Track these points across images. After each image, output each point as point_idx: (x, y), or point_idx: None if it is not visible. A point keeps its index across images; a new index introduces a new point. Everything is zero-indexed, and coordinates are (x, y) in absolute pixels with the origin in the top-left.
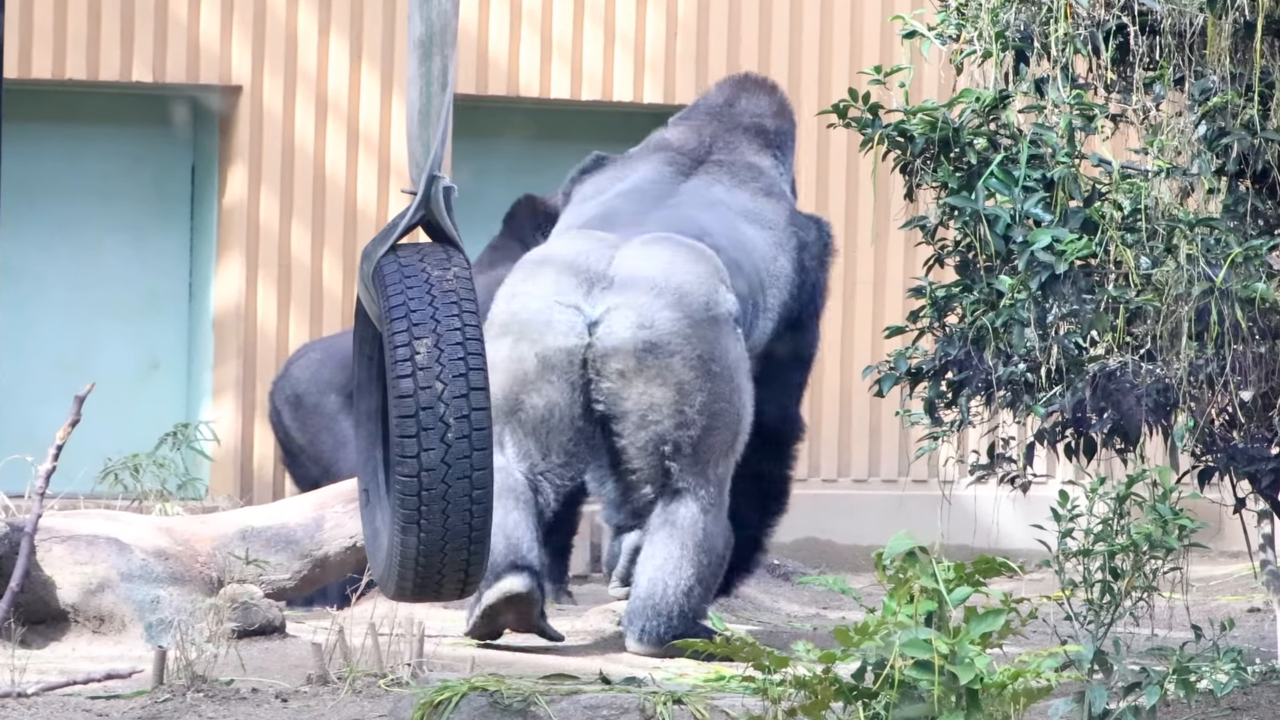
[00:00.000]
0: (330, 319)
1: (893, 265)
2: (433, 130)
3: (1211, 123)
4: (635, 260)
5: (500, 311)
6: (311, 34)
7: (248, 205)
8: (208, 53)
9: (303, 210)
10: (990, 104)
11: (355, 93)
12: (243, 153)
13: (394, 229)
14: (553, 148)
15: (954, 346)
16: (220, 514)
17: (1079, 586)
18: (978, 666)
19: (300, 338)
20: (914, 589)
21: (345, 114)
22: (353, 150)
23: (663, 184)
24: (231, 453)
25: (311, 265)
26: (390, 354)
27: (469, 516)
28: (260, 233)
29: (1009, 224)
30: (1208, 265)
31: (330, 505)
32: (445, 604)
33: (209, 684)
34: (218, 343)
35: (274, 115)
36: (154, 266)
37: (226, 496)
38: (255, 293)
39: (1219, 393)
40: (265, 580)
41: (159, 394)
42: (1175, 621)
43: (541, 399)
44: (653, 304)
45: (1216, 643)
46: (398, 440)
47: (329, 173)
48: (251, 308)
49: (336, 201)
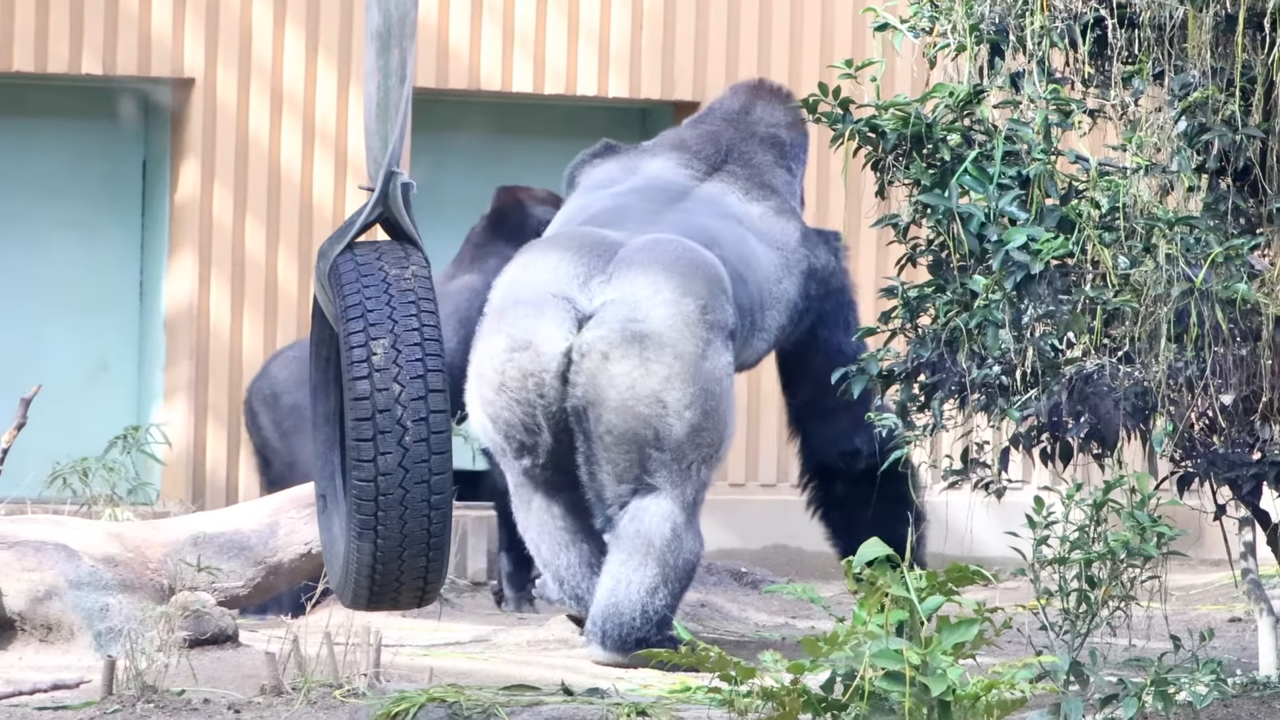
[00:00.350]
0: (285, 319)
1: (864, 265)
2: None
3: (1192, 118)
4: (639, 258)
5: (497, 300)
6: (266, 26)
7: (200, 202)
8: (159, 45)
9: (257, 207)
10: (964, 99)
11: (311, 86)
12: (195, 148)
13: (351, 226)
14: (513, 142)
15: (927, 348)
16: (172, 519)
17: (1054, 595)
18: (950, 678)
19: (254, 338)
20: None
21: (301, 108)
22: (309, 145)
23: (677, 185)
24: (183, 456)
25: (266, 263)
26: (346, 355)
27: (427, 522)
28: (213, 230)
29: (983, 222)
30: (1187, 265)
31: (285, 511)
32: (404, 613)
33: (159, 694)
34: (169, 343)
35: (228, 109)
36: (103, 264)
37: (178, 501)
38: (208, 292)
39: (1199, 396)
40: (218, 588)
41: (109, 396)
42: (1153, 631)
43: (532, 395)
44: (649, 300)
45: (1196, 653)
46: (354, 444)
47: (284, 169)
48: (204, 307)
49: (292, 198)
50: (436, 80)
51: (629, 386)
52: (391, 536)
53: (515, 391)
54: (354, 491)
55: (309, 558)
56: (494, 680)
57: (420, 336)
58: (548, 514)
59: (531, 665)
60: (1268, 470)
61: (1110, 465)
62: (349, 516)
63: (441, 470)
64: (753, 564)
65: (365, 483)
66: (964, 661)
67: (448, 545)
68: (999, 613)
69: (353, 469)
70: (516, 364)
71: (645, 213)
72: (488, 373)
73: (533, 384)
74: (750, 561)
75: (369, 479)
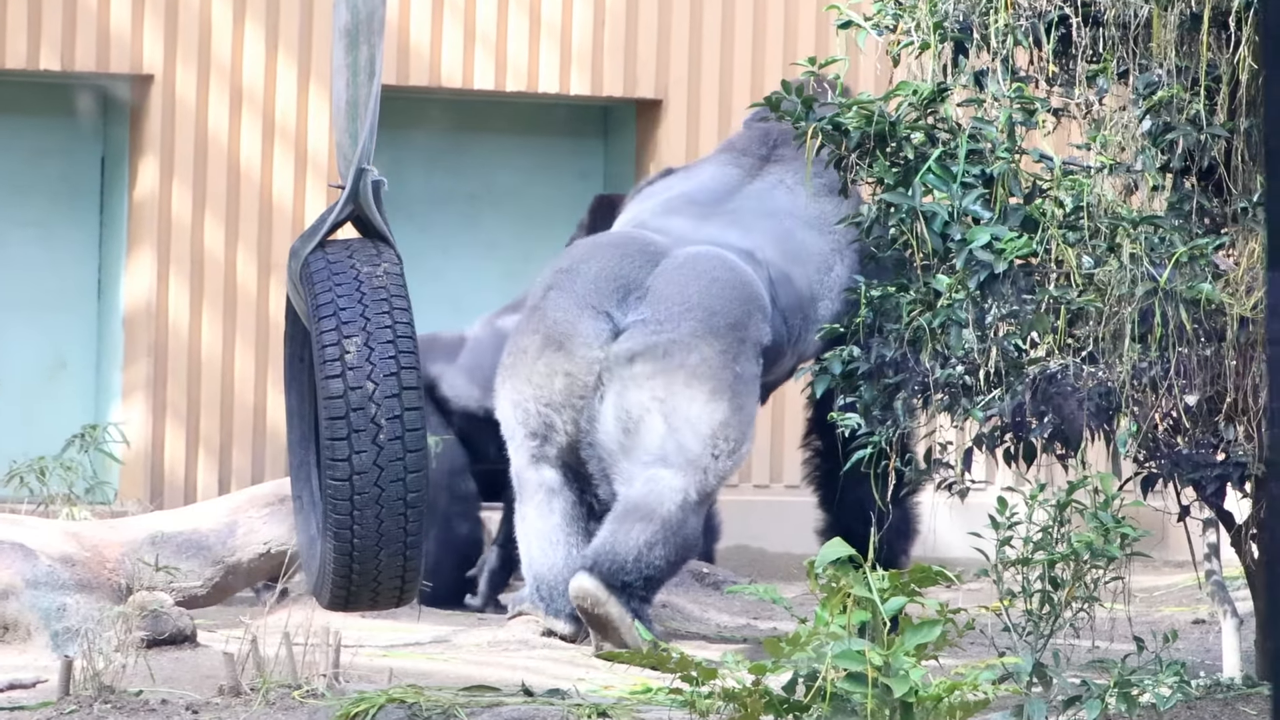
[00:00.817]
0: (244, 317)
1: None
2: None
3: (1156, 117)
4: (677, 275)
5: (538, 294)
6: (226, 22)
7: (159, 199)
8: (118, 41)
9: (216, 204)
10: (928, 97)
11: (271, 83)
12: (154, 145)
13: (322, 224)
14: (474, 139)
15: (890, 348)
16: (129, 519)
17: (1018, 596)
18: (912, 679)
19: (213, 336)
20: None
21: (261, 105)
22: (268, 143)
23: (726, 186)
24: (141, 455)
25: (225, 261)
26: (319, 353)
27: (404, 521)
28: (172, 228)
29: (947, 221)
30: (1152, 265)
31: (243, 510)
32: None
33: (117, 695)
34: (128, 341)
35: (187, 106)
36: (62, 262)
37: (136, 500)
38: (167, 290)
39: (1163, 397)
40: (176, 587)
41: (66, 394)
42: (1117, 633)
43: (558, 394)
44: (681, 318)
45: (1159, 655)
46: (328, 443)
47: (244, 166)
48: (163, 305)
49: (251, 196)
50: (398, 77)
51: (655, 400)
52: (368, 536)
53: (541, 387)
54: (329, 491)
55: (268, 557)
56: (454, 681)
57: (393, 334)
58: (546, 509)
59: (491, 666)
60: (1232, 471)
61: (1074, 466)
62: (324, 516)
63: (417, 468)
64: (714, 565)
65: (340, 482)
66: (927, 663)
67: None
68: (962, 614)
69: (327, 468)
70: (547, 361)
71: (692, 218)
72: (517, 364)
73: (560, 383)
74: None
75: (344, 478)
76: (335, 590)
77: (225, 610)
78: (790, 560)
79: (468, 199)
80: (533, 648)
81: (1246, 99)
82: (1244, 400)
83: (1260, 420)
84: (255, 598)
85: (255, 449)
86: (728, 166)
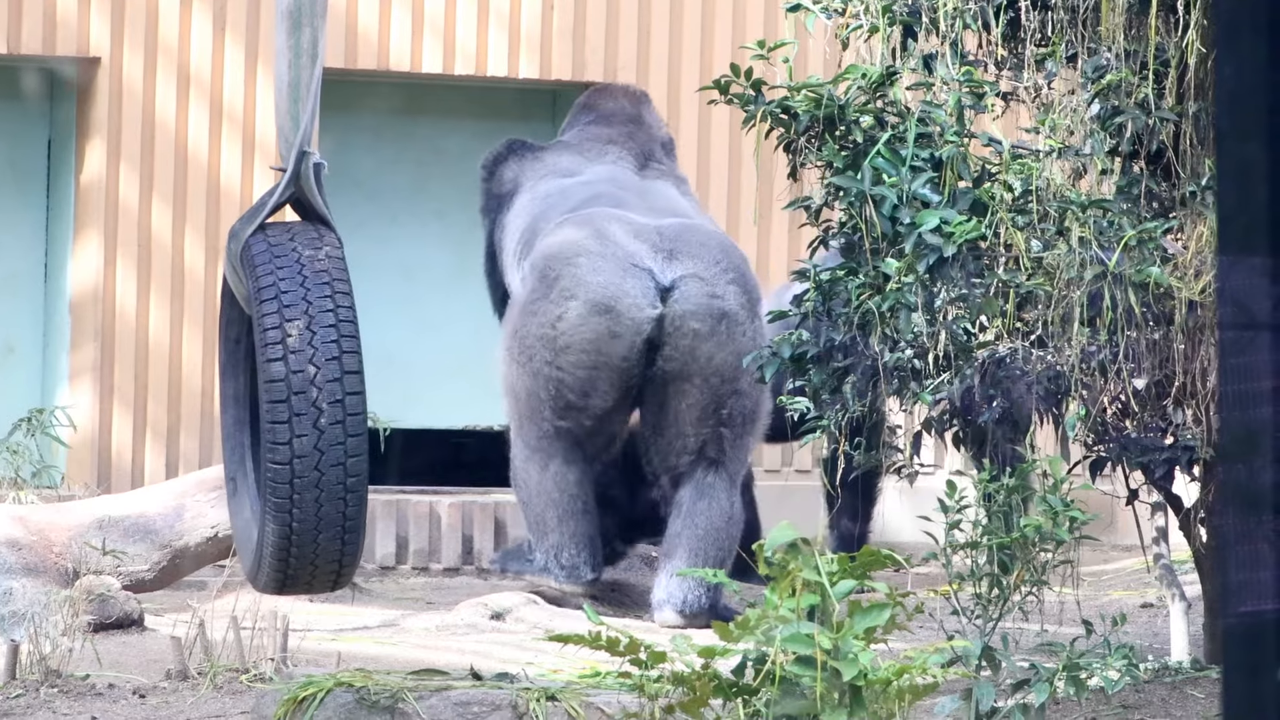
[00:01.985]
0: (193, 301)
1: (776, 247)
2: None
3: (1105, 101)
4: (690, 236)
5: (548, 265)
6: (173, 4)
7: (106, 182)
8: (64, 23)
9: (164, 188)
10: (877, 81)
11: (219, 66)
12: (101, 127)
13: (262, 207)
14: (422, 122)
15: (839, 331)
16: (76, 503)
17: (966, 580)
18: (861, 662)
19: (161, 320)
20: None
21: (208, 88)
22: (216, 125)
23: (629, 179)
24: (88, 439)
25: (173, 245)
26: (260, 337)
27: (343, 505)
28: (119, 211)
29: (896, 205)
30: (1100, 248)
31: (191, 494)
32: (312, 598)
33: (64, 679)
34: (74, 325)
35: (134, 88)
36: (7, 246)
37: (83, 485)
38: (114, 273)
39: (1111, 380)
40: (123, 571)
41: (13, 378)
42: (1065, 617)
43: (607, 358)
44: (720, 276)
45: (1108, 639)
46: (269, 426)
47: (191, 149)
48: (110, 289)
49: (199, 179)
50: (345, 60)
51: (711, 361)
52: (306, 519)
53: (584, 353)
54: (268, 474)
55: (215, 541)
56: (402, 665)
57: (335, 318)
58: (564, 480)
59: (440, 650)
60: (1180, 455)
61: (1022, 449)
62: (263, 500)
63: (357, 453)
64: None
65: (280, 465)
66: (876, 646)
67: (363, 528)
68: (911, 597)
69: (267, 451)
70: (592, 327)
71: (636, 203)
72: (549, 333)
73: (616, 347)
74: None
75: (284, 461)
76: (272, 573)
77: (173, 594)
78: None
79: (415, 167)
80: (481, 631)
81: (1195, 83)
82: (1192, 384)
83: (1208, 404)
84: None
85: (203, 433)
86: (620, 163)
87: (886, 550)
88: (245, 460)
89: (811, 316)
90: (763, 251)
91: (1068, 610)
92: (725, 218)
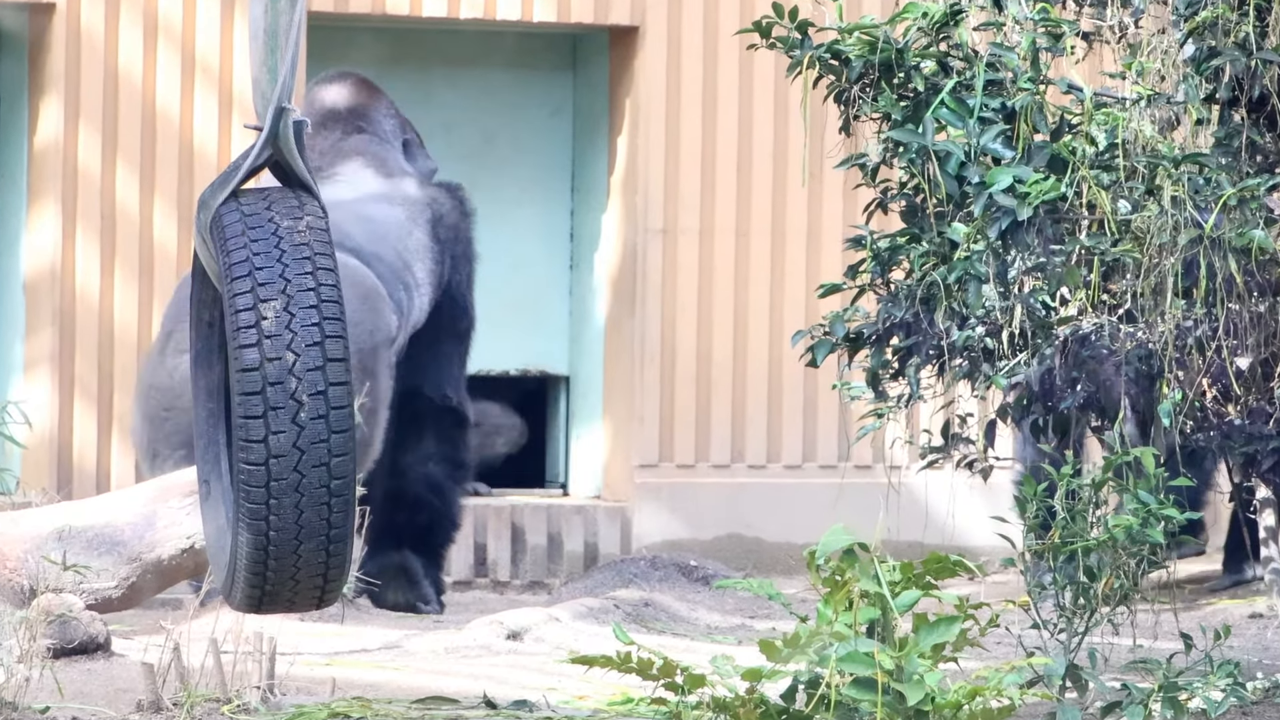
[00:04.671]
0: (163, 280)
1: (828, 212)
2: (280, 54)
3: (1200, 41)
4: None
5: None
6: None
7: (64, 146)
8: None
9: (129, 151)
10: (940, 20)
11: (190, 13)
12: (57, 83)
13: (235, 172)
14: (421, 73)
15: (900, 307)
16: (33, 510)
17: (1048, 589)
18: (928, 684)
19: (127, 301)
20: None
21: (179, 38)
22: (188, 80)
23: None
24: (46, 438)
25: (140, 216)
26: (232, 319)
27: (326, 511)
28: (79, 178)
29: (963, 162)
30: (1196, 209)
31: (164, 500)
32: (301, 616)
33: (20, 712)
34: (29, 308)
35: (94, 39)
36: None
37: (40, 490)
38: (73, 249)
39: (1210, 359)
40: (87, 589)
41: None
42: (1161, 630)
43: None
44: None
45: (1210, 654)
46: (242, 421)
47: (160, 106)
48: (69, 266)
49: (169, 140)
50: (335, 3)
51: None
52: (285, 528)
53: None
54: (242, 477)
55: (192, 553)
56: (406, 692)
57: (317, 298)
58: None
59: (449, 675)
60: None
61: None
62: (236, 505)
63: (343, 451)
64: (704, 556)
65: (255, 466)
66: (944, 665)
67: (350, 538)
68: (984, 609)
69: (240, 450)
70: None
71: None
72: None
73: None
74: (701, 554)
75: (259, 462)
76: (248, 589)
77: (144, 614)
78: (790, 550)
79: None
80: (496, 653)
81: None
82: None
83: None
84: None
85: None
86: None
87: (956, 556)
88: (220, 460)
89: (869, 290)
90: (814, 217)
91: (1164, 623)
92: (771, 180)
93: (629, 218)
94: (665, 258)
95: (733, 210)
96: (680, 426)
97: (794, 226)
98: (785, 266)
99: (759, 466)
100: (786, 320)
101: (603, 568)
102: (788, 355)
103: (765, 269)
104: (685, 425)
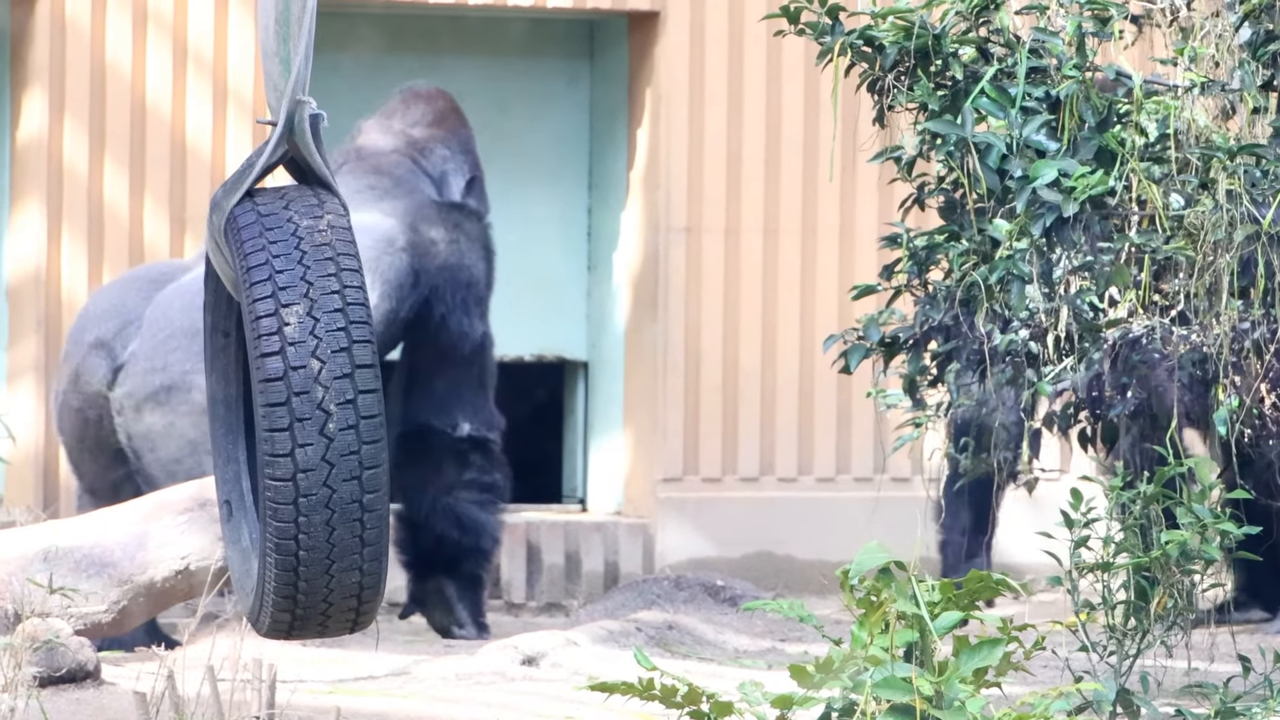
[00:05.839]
0: None
1: (862, 208)
2: (294, 43)
3: (1257, 24)
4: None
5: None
6: None
7: (48, 142)
8: None
9: (118, 148)
10: (979, 4)
11: (182, 1)
12: (41, 76)
13: (249, 170)
14: (427, 62)
15: (938, 309)
16: (18, 530)
17: (1097, 609)
18: (970, 711)
19: None
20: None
21: (170, 27)
22: (180, 72)
23: None
24: (31, 453)
25: (129, 217)
26: (252, 327)
27: (359, 528)
28: (64, 177)
29: (1004, 155)
30: (1253, 203)
31: (156, 518)
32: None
33: None
34: (12, 314)
35: (79, 29)
36: None
37: (25, 508)
38: (59, 252)
39: (1269, 363)
40: (75, 613)
41: None
42: (1218, 652)
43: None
44: (165, 345)
45: (1269, 678)
46: (266, 435)
47: (150, 100)
48: (54, 270)
49: (160, 137)
50: None
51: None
52: (316, 547)
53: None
54: (268, 493)
55: (186, 575)
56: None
57: (342, 301)
58: None
59: (461, 703)
60: None
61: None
62: (262, 525)
63: (374, 463)
64: (731, 576)
65: (282, 482)
66: (987, 691)
67: (385, 555)
68: (1030, 631)
69: (265, 466)
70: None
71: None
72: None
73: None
74: (728, 573)
75: (286, 477)
76: (277, 614)
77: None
78: (823, 569)
79: None
80: (510, 680)
81: None
82: None
83: None
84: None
85: None
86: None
87: (999, 574)
88: (241, 478)
89: (905, 291)
90: (847, 214)
91: (1220, 644)
92: (801, 175)
93: (650, 216)
94: (689, 258)
95: (760, 207)
96: (706, 437)
97: (825, 224)
98: (816, 267)
99: (789, 480)
100: (818, 324)
101: (624, 588)
102: (819, 361)
103: (795, 270)
104: (711, 436)
